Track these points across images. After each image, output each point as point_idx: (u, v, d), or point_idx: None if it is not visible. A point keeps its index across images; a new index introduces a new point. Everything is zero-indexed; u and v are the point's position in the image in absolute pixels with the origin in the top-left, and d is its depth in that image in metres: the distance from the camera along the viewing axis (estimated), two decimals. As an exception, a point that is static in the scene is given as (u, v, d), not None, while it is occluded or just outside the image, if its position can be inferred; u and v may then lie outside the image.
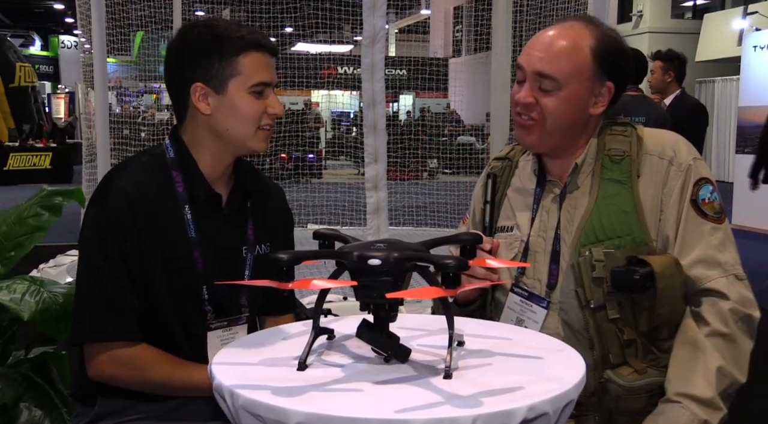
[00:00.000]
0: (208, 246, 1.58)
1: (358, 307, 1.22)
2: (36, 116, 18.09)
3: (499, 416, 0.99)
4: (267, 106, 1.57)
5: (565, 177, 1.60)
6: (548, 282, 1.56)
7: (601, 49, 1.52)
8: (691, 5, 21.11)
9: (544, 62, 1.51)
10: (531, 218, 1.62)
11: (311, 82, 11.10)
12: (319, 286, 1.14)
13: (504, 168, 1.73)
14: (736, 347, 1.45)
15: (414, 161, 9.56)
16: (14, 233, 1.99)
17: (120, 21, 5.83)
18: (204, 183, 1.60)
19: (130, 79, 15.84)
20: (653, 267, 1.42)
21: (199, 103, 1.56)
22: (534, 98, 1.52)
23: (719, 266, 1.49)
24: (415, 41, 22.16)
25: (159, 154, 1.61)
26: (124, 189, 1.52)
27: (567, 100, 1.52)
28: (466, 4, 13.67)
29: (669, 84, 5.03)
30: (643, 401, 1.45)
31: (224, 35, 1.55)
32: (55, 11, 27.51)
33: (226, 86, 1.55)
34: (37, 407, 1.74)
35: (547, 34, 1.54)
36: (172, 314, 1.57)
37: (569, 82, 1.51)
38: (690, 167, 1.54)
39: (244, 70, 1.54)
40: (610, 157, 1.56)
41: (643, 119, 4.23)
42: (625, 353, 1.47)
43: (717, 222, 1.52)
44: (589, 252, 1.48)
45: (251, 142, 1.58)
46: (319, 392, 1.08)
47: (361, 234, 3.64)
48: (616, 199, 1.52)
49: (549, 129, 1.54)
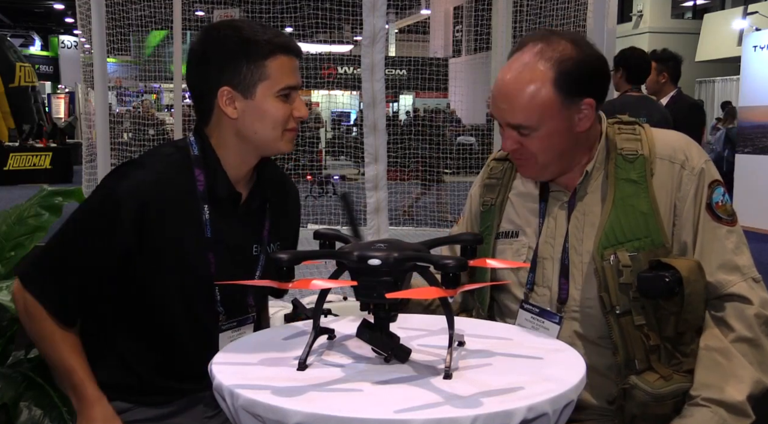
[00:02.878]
0: (221, 246, 1.57)
1: (358, 307, 1.22)
2: (36, 116, 18.09)
3: (499, 416, 0.99)
4: (293, 109, 1.56)
5: (574, 185, 1.57)
6: (559, 297, 1.53)
7: (561, 77, 1.46)
8: (691, 5, 21.11)
9: (511, 115, 1.48)
10: (539, 224, 1.59)
11: (311, 82, 11.09)
12: (319, 286, 1.14)
13: (505, 170, 1.70)
14: (761, 352, 1.44)
15: (414, 161, 9.56)
16: (14, 233, 1.99)
17: (120, 21, 5.83)
18: (227, 182, 1.58)
19: (130, 79, 15.85)
20: (680, 271, 1.41)
21: (227, 108, 1.53)
22: (518, 143, 1.50)
23: (738, 270, 1.48)
24: (415, 41, 22.16)
25: (183, 147, 1.59)
26: (135, 189, 1.49)
27: (548, 136, 1.48)
28: (466, 4, 13.67)
29: (664, 85, 5.00)
30: (669, 407, 1.43)
31: (252, 38, 1.51)
32: (55, 11, 27.49)
33: (255, 91, 1.52)
34: (37, 406, 1.74)
35: (505, 82, 1.49)
36: (181, 315, 1.56)
37: (542, 123, 1.47)
38: (703, 171, 1.52)
39: (272, 74, 1.52)
40: (623, 156, 1.54)
41: (645, 120, 4.21)
42: (650, 358, 1.45)
43: (731, 224, 1.51)
44: (615, 256, 1.45)
45: (278, 144, 1.57)
46: (318, 392, 1.08)
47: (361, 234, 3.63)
48: (633, 200, 1.50)
49: (542, 163, 1.52)
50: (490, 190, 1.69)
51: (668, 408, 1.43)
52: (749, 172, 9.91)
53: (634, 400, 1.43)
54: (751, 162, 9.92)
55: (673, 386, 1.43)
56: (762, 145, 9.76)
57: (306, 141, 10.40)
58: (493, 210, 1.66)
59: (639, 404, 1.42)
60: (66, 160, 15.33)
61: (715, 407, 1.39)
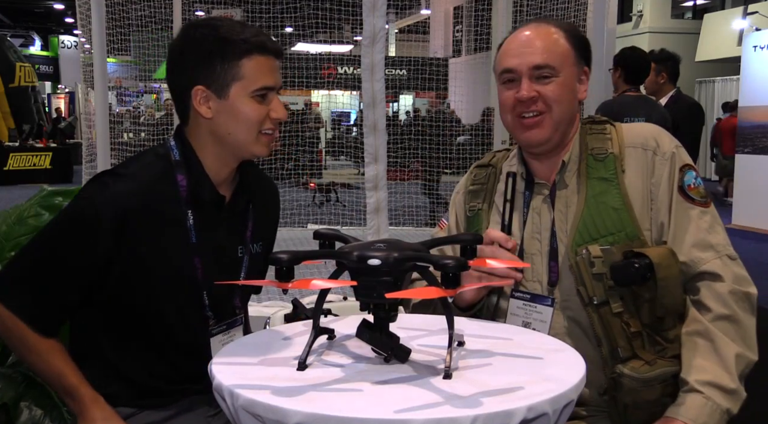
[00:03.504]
0: (207, 250, 1.56)
1: (358, 307, 1.22)
2: (36, 116, 18.10)
3: (499, 416, 0.99)
4: (270, 111, 1.53)
5: (553, 176, 1.62)
6: (549, 280, 1.57)
7: (573, 36, 1.61)
8: (691, 5, 21.11)
9: (537, 55, 1.56)
10: (522, 221, 1.62)
11: (311, 82, 11.07)
12: (319, 286, 1.14)
13: (488, 176, 1.74)
14: (741, 327, 1.48)
15: (414, 161, 9.55)
16: (14, 232, 2.00)
17: (120, 21, 5.82)
18: (210, 186, 1.56)
19: (130, 79, 15.84)
20: (651, 258, 1.45)
21: (201, 107, 1.52)
22: (536, 91, 1.56)
23: (712, 248, 1.52)
24: (415, 41, 22.14)
25: (164, 155, 1.57)
26: (115, 200, 1.46)
27: (564, 84, 1.57)
28: (466, 4, 13.66)
29: (662, 85, 5.00)
30: (657, 391, 1.46)
31: (227, 37, 1.49)
32: (55, 11, 27.49)
33: (228, 90, 1.50)
34: (37, 406, 1.74)
35: (524, 35, 1.61)
36: (171, 322, 1.55)
37: (563, 67, 1.57)
38: (674, 155, 1.58)
39: (246, 75, 1.50)
40: (593, 156, 1.60)
41: (644, 120, 4.21)
42: (633, 345, 1.48)
43: (704, 206, 1.56)
44: (586, 250, 1.50)
45: (253, 147, 1.54)
46: (318, 392, 1.09)
47: (361, 234, 3.63)
48: (604, 197, 1.55)
49: (556, 118, 1.57)
50: (475, 196, 1.73)
51: (657, 392, 1.46)
52: (749, 172, 9.92)
53: (623, 388, 1.46)
54: (751, 162, 9.93)
55: (658, 370, 1.46)
56: (762, 145, 9.76)
57: (306, 141, 10.40)
58: (481, 214, 1.69)
59: (628, 391, 1.45)
60: (66, 160, 15.35)
61: (708, 390, 1.42)
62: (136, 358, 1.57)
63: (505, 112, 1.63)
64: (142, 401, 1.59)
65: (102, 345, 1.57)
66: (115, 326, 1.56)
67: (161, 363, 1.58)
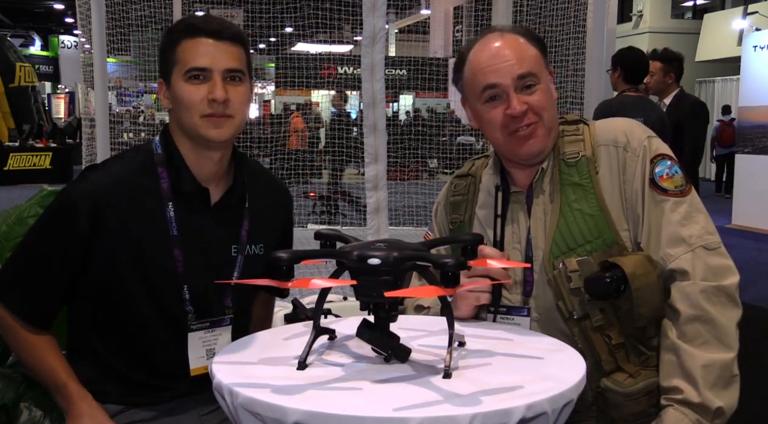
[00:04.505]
0: (191, 244, 1.56)
1: (358, 307, 1.22)
2: (36, 116, 18.09)
3: (498, 414, 0.99)
4: (208, 93, 1.51)
5: (529, 182, 1.59)
6: (524, 290, 1.55)
7: (534, 39, 1.58)
8: (691, 5, 21.12)
9: (516, 66, 1.52)
10: (501, 229, 1.58)
11: (311, 82, 11.07)
12: (318, 285, 1.14)
13: (468, 185, 1.71)
14: (714, 326, 1.41)
15: (414, 161, 9.55)
16: (14, 232, 2.00)
17: (120, 21, 5.82)
18: (191, 178, 1.57)
19: (130, 79, 15.83)
20: (624, 268, 1.41)
21: (164, 100, 1.59)
22: (525, 103, 1.52)
23: (683, 242, 1.46)
24: (415, 41, 22.13)
25: (147, 150, 1.60)
26: (90, 190, 1.51)
27: (546, 90, 1.55)
28: (466, 4, 13.66)
29: (669, 85, 5.04)
30: (642, 404, 1.45)
31: (171, 28, 1.57)
32: (55, 11, 27.49)
33: (171, 78, 1.55)
34: (37, 407, 1.74)
35: (493, 47, 1.55)
36: (151, 313, 1.55)
37: (541, 72, 1.55)
38: (645, 148, 1.52)
39: (180, 58, 1.53)
40: (565, 161, 1.56)
41: (642, 120, 4.21)
42: (617, 357, 1.46)
43: (679, 196, 1.49)
44: (563, 264, 1.47)
45: (201, 131, 1.52)
46: (317, 390, 1.09)
47: (361, 234, 3.64)
48: (580, 204, 1.51)
49: (547, 125, 1.54)
50: (457, 208, 1.71)
51: (642, 405, 1.45)
52: (749, 172, 9.92)
53: (608, 402, 1.45)
54: (751, 162, 9.93)
55: (641, 383, 1.45)
56: (762, 145, 9.77)
57: (306, 141, 10.39)
58: (463, 226, 1.67)
59: (614, 405, 1.44)
60: (66, 160, 15.34)
61: (677, 405, 1.40)
62: (121, 352, 1.58)
63: (494, 131, 1.56)
64: (130, 399, 1.59)
65: (93, 340, 1.59)
66: (103, 320, 1.58)
67: (140, 357, 1.58)
